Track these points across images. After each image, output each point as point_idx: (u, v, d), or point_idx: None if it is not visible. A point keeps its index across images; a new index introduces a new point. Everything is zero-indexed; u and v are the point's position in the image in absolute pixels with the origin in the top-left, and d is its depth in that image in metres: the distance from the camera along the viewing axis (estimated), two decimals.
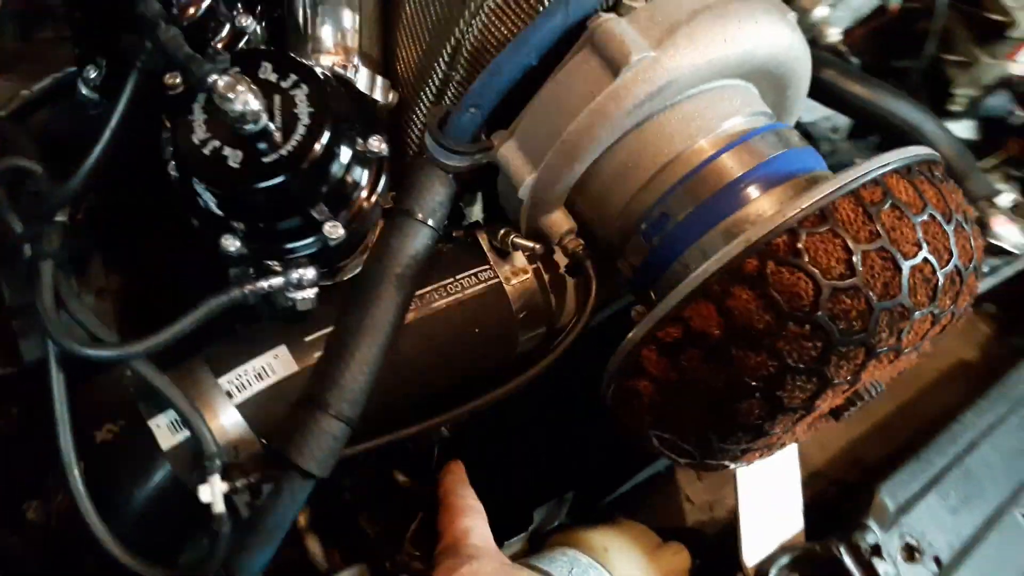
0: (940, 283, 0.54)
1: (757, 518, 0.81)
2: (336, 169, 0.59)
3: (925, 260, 0.53)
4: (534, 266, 0.71)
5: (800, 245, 0.52)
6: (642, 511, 1.05)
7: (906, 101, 0.89)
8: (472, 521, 0.66)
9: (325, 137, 0.56)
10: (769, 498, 0.83)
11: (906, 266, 0.53)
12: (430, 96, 0.69)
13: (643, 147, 0.63)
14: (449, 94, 0.68)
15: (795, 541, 0.82)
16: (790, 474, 0.85)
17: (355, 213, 0.60)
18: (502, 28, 0.64)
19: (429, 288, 0.67)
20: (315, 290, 0.61)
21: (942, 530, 0.84)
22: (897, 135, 0.89)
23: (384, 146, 0.62)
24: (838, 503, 0.91)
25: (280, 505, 0.58)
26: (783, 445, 0.65)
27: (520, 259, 0.70)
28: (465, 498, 0.68)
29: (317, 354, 0.63)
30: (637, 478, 1.00)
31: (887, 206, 0.53)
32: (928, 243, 0.53)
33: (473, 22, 0.64)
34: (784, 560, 0.78)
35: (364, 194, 0.62)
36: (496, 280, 0.69)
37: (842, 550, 0.77)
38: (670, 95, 0.61)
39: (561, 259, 0.73)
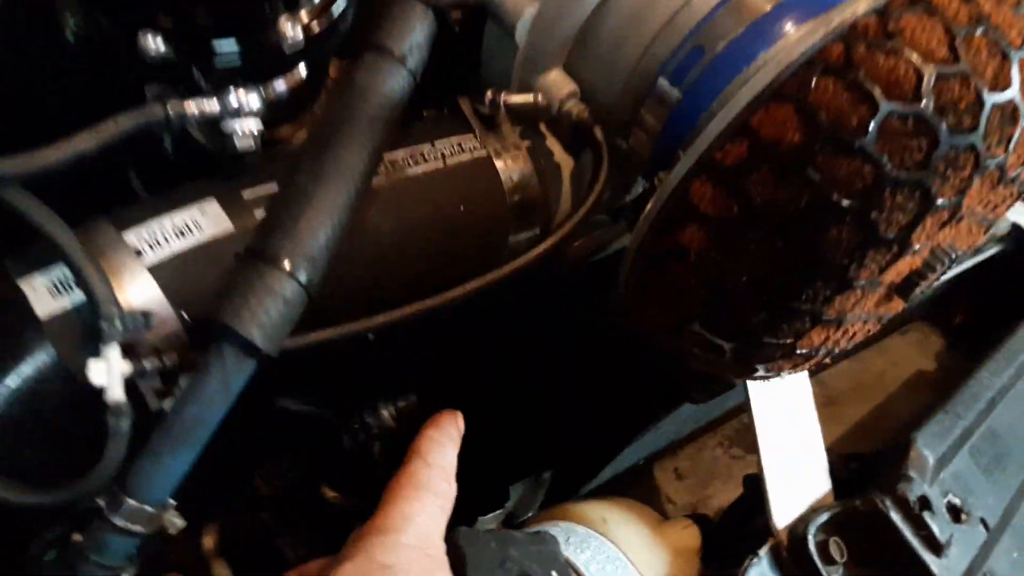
0: None
1: (783, 477, 0.68)
2: None
3: None
4: (527, 143, 0.58)
5: (893, 25, 0.42)
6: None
7: None
8: (418, 508, 0.47)
9: None
10: (793, 456, 0.70)
11: (1015, 56, 0.43)
12: None
13: None
14: None
15: (824, 502, 0.69)
16: (811, 430, 0.73)
17: (315, 16, 0.46)
18: None
19: (401, 152, 0.53)
20: (258, 123, 0.46)
21: (982, 491, 0.73)
22: None
23: None
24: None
25: (206, 390, 0.41)
26: (845, 339, 0.53)
27: (511, 133, 0.58)
28: (429, 470, 0.49)
29: (259, 213, 0.47)
30: (617, 466, 0.86)
31: None
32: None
33: None
34: (822, 518, 0.64)
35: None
36: (483, 152, 0.55)
37: (888, 503, 0.65)
38: None
39: (553, 145, 0.61)
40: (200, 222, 0.46)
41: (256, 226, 0.46)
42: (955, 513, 0.69)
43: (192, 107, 0.44)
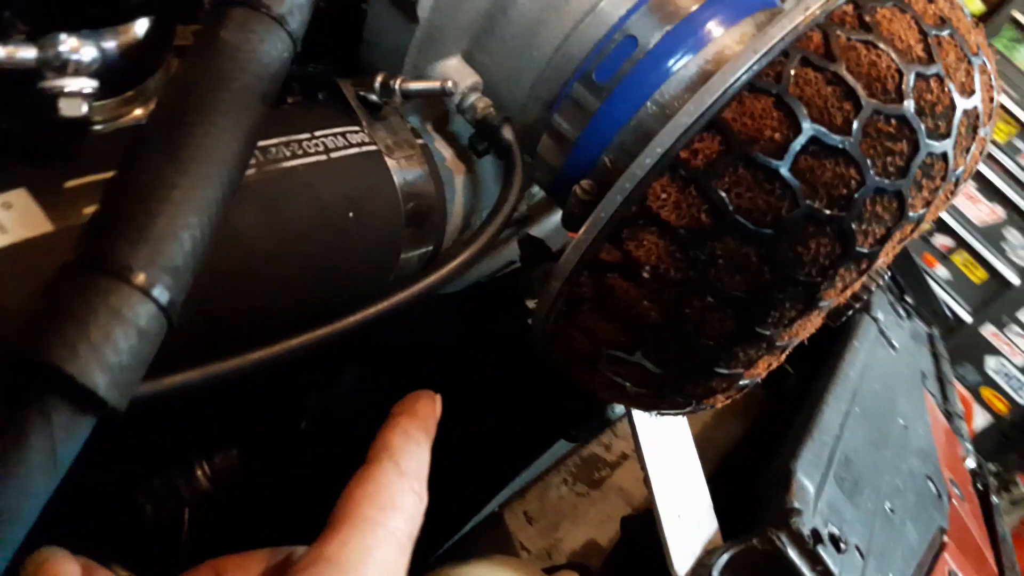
0: (994, 95, 0.43)
1: (675, 519, 0.62)
2: None
3: (985, 63, 0.42)
4: (421, 141, 0.49)
5: (869, 17, 0.38)
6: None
7: None
8: (381, 537, 0.36)
9: None
10: (681, 495, 0.65)
11: (977, 62, 0.41)
12: None
13: None
14: None
15: (715, 542, 0.64)
16: (694, 466, 0.68)
17: None
18: None
19: (274, 140, 0.42)
20: (94, 84, 0.33)
21: (851, 518, 0.73)
22: None
23: None
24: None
25: (21, 468, 0.28)
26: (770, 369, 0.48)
27: (402, 127, 0.48)
28: (399, 479, 0.38)
29: (88, 209, 0.34)
30: (478, 515, 0.77)
31: None
32: (980, 39, 0.42)
33: None
34: (722, 560, 0.59)
35: None
36: (373, 146, 0.45)
37: (784, 539, 0.61)
38: None
39: (443, 148, 0.52)
40: (3, 221, 0.32)
41: (87, 226, 0.33)
42: (835, 543, 0.67)
43: (0, 52, 0.30)
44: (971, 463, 1.39)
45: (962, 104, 0.39)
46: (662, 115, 0.44)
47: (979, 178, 3.25)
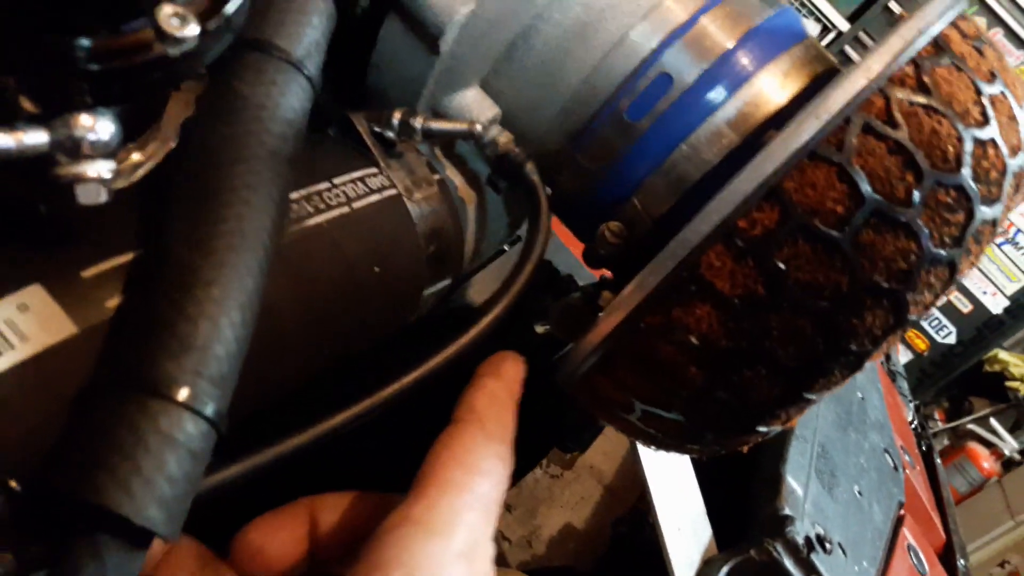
0: None
1: (675, 531, 0.63)
2: None
3: None
4: (438, 177, 0.46)
5: (928, 78, 0.37)
6: None
7: None
8: (469, 502, 0.34)
9: None
10: (679, 505, 0.65)
11: (1021, 116, 0.40)
12: None
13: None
14: None
15: (711, 550, 0.65)
16: (689, 478, 0.69)
17: (210, 6, 0.30)
18: None
19: (296, 195, 0.38)
20: (112, 166, 0.30)
21: (832, 512, 0.75)
22: None
23: None
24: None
25: None
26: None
27: (419, 164, 0.45)
28: (486, 443, 0.37)
29: (111, 302, 0.31)
30: None
31: (986, 43, 0.41)
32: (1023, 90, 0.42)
33: None
34: (723, 573, 0.60)
35: None
36: (393, 191, 0.42)
37: (780, 550, 0.62)
38: None
39: (454, 176, 0.49)
40: (21, 325, 0.28)
41: (117, 334, 0.29)
42: (822, 544, 0.69)
43: (10, 140, 0.26)
44: (913, 422, 1.45)
45: (1012, 166, 0.38)
46: (698, 159, 0.43)
47: None
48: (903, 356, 3.51)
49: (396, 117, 0.42)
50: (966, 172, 0.36)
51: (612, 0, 0.44)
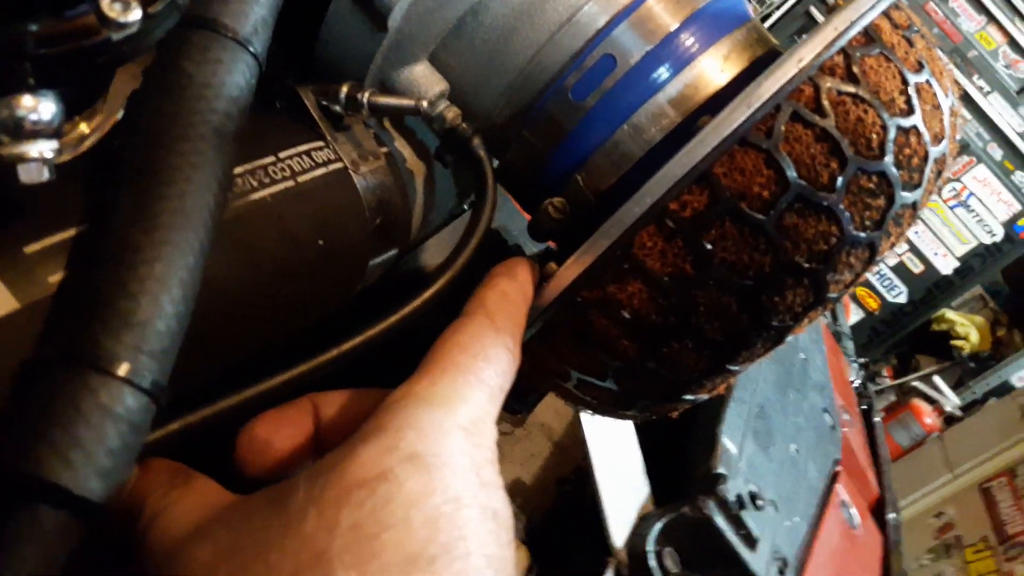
0: (957, 133, 0.44)
1: (613, 489, 0.66)
2: None
3: (955, 104, 0.43)
4: (386, 150, 0.46)
5: (858, 69, 0.38)
6: None
7: None
8: (474, 384, 0.35)
9: None
10: (617, 463, 0.68)
11: (947, 105, 0.42)
12: None
13: None
14: None
15: (648, 507, 0.68)
16: (629, 436, 0.71)
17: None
18: None
19: (240, 169, 0.39)
20: (54, 145, 0.30)
21: (765, 471, 0.78)
22: None
23: None
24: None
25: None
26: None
27: (366, 137, 0.46)
28: (495, 335, 0.37)
29: (54, 277, 0.31)
30: None
31: (916, 33, 0.42)
32: (950, 78, 0.43)
33: None
34: (656, 530, 0.63)
35: None
36: (339, 164, 0.43)
37: (712, 506, 0.66)
38: None
39: (403, 148, 0.50)
40: None
41: (59, 310, 0.30)
42: (754, 501, 0.72)
43: None
44: (856, 381, 1.50)
45: (934, 153, 0.40)
46: (639, 138, 0.44)
47: None
48: (855, 315, 3.59)
49: (343, 91, 0.43)
50: (889, 159, 0.38)
51: None
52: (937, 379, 3.23)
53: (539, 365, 0.46)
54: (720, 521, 0.65)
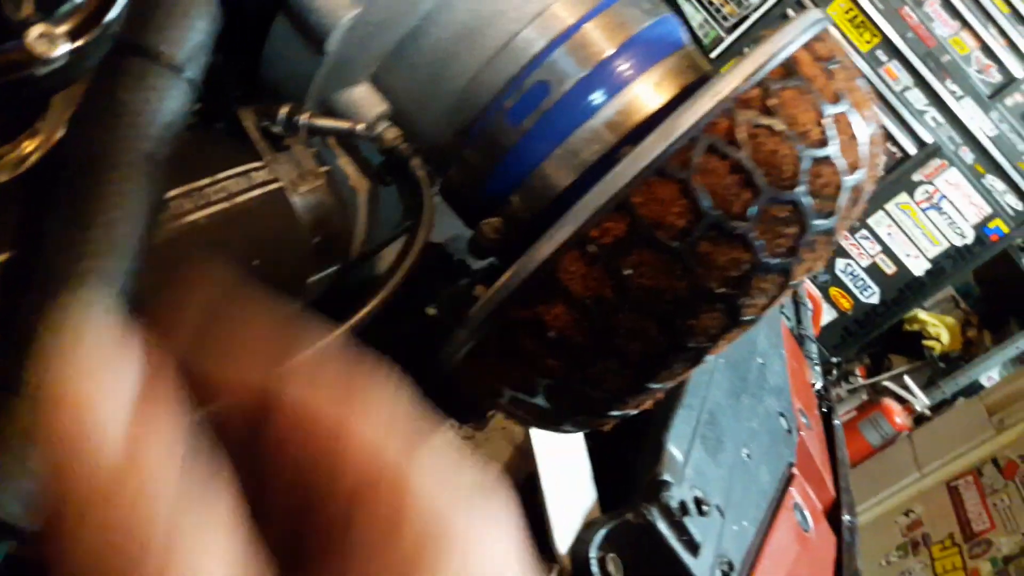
0: (879, 162, 0.46)
1: (558, 495, 0.67)
2: None
3: (876, 132, 0.45)
4: (326, 168, 0.48)
5: (773, 102, 0.40)
6: None
7: None
8: None
9: None
10: (566, 471, 0.70)
11: (865, 135, 0.43)
12: None
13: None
14: None
15: (594, 513, 0.70)
16: (577, 442, 0.73)
17: (84, 23, 0.31)
18: None
19: (175, 192, 0.40)
20: None
21: (712, 477, 0.80)
22: None
23: None
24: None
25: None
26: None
27: (306, 157, 0.47)
28: None
29: None
30: None
31: (838, 64, 0.44)
32: (871, 108, 0.45)
33: None
34: (599, 536, 0.65)
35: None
36: (276, 183, 0.44)
37: (655, 513, 0.67)
38: None
39: (347, 165, 0.51)
40: None
41: None
42: (699, 507, 0.74)
43: None
44: (818, 383, 1.52)
45: (849, 182, 0.42)
46: (574, 160, 0.45)
47: None
48: (828, 315, 3.63)
49: (283, 113, 0.44)
50: (801, 189, 0.40)
51: (499, 6, 0.46)
52: (907, 379, 3.28)
53: (475, 381, 0.48)
54: (663, 527, 0.67)
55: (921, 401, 3.20)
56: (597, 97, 0.46)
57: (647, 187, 0.39)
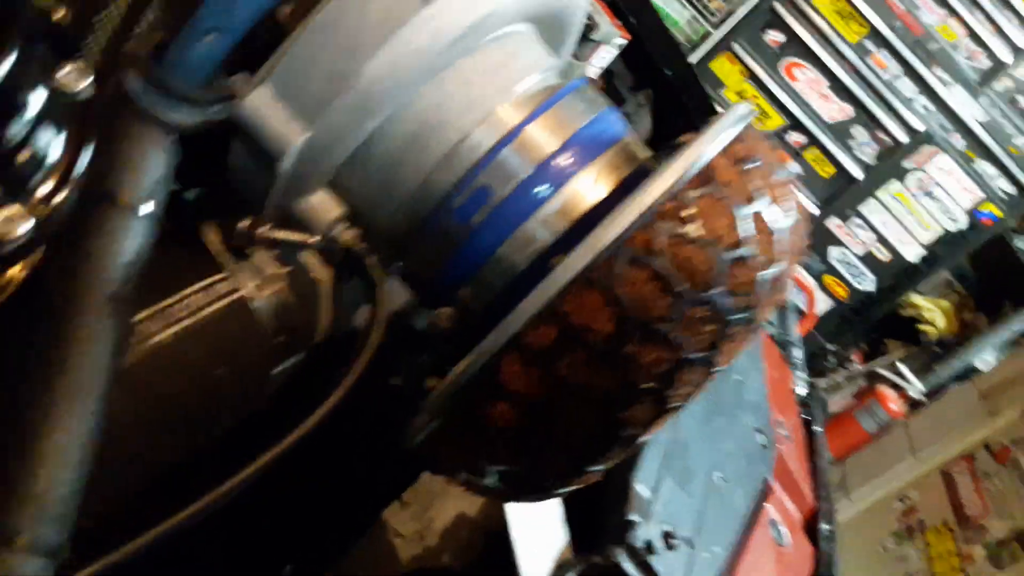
0: (801, 247, 0.49)
1: (528, 535, 0.71)
2: (16, 128, 0.33)
3: (794, 223, 0.48)
4: (287, 270, 0.51)
5: (688, 212, 0.43)
6: (357, 559, 0.89)
7: None
8: None
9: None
10: (537, 514, 0.73)
11: (782, 229, 0.47)
12: (118, 14, 0.45)
13: (445, 105, 0.48)
14: (150, 16, 0.45)
15: (566, 554, 0.74)
16: None
17: (48, 197, 0.35)
18: None
19: (143, 315, 0.43)
20: None
21: (682, 509, 0.84)
22: None
23: (88, 81, 0.37)
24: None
25: None
26: None
27: (265, 261, 0.50)
28: None
29: None
30: None
31: (755, 165, 0.47)
32: (792, 203, 0.48)
33: None
34: None
35: (61, 163, 0.36)
36: (239, 295, 0.48)
37: (621, 554, 0.71)
38: (482, 32, 0.47)
39: (309, 259, 0.55)
40: None
41: None
42: (668, 541, 0.78)
43: None
44: (801, 389, 1.55)
45: (766, 276, 0.45)
46: (522, 253, 0.49)
47: (830, 76, 3.41)
48: (824, 303, 3.65)
49: (242, 227, 0.48)
50: (718, 290, 0.43)
51: (444, 116, 0.49)
52: (901, 366, 3.31)
53: (435, 461, 0.51)
54: (629, 568, 0.71)
55: (915, 387, 3.23)
56: (542, 191, 0.49)
57: (576, 296, 0.42)
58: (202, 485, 0.42)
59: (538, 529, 0.72)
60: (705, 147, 0.44)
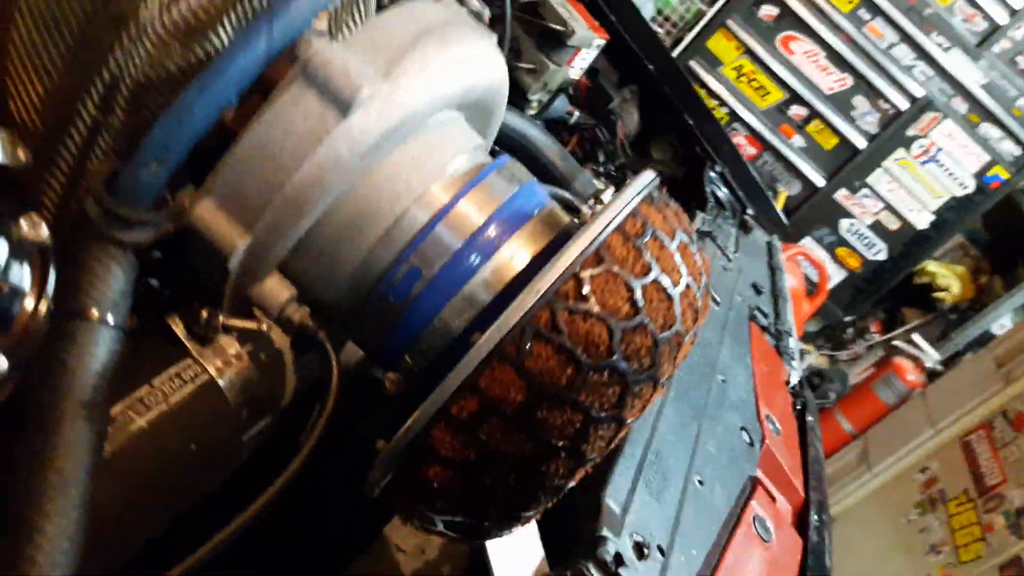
0: (699, 304, 0.55)
1: (505, 555, 0.77)
2: None
3: (688, 285, 0.53)
4: (248, 348, 0.57)
5: (586, 290, 0.49)
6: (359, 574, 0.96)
7: (511, 111, 0.91)
8: None
9: None
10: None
11: (676, 294, 0.52)
12: (73, 150, 0.51)
13: (377, 193, 0.54)
14: (102, 145, 0.51)
15: (541, 569, 0.80)
16: None
17: (20, 332, 0.42)
18: (177, 59, 0.50)
19: (119, 406, 0.50)
20: None
21: (655, 517, 0.89)
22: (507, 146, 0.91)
23: (44, 230, 0.44)
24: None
25: None
26: None
27: (228, 342, 0.56)
28: None
29: None
30: None
31: (649, 238, 0.52)
32: (687, 266, 0.54)
33: (135, 51, 0.49)
34: None
35: (28, 303, 0.43)
36: (206, 376, 0.54)
37: (591, 569, 0.77)
38: (404, 132, 0.53)
39: (271, 330, 0.61)
40: None
41: None
42: (639, 550, 0.84)
43: None
44: (795, 378, 1.59)
45: (663, 338, 0.51)
46: (458, 319, 0.54)
47: (827, 48, 3.40)
48: (838, 275, 3.66)
49: (203, 317, 0.54)
50: (616, 357, 0.49)
51: (378, 203, 0.54)
52: (916, 336, 3.32)
53: (391, 507, 0.58)
54: None
55: (931, 356, 3.25)
56: (474, 260, 0.54)
57: (491, 371, 0.48)
58: (189, 544, 0.49)
59: (514, 545, 0.78)
60: (599, 228, 0.50)
